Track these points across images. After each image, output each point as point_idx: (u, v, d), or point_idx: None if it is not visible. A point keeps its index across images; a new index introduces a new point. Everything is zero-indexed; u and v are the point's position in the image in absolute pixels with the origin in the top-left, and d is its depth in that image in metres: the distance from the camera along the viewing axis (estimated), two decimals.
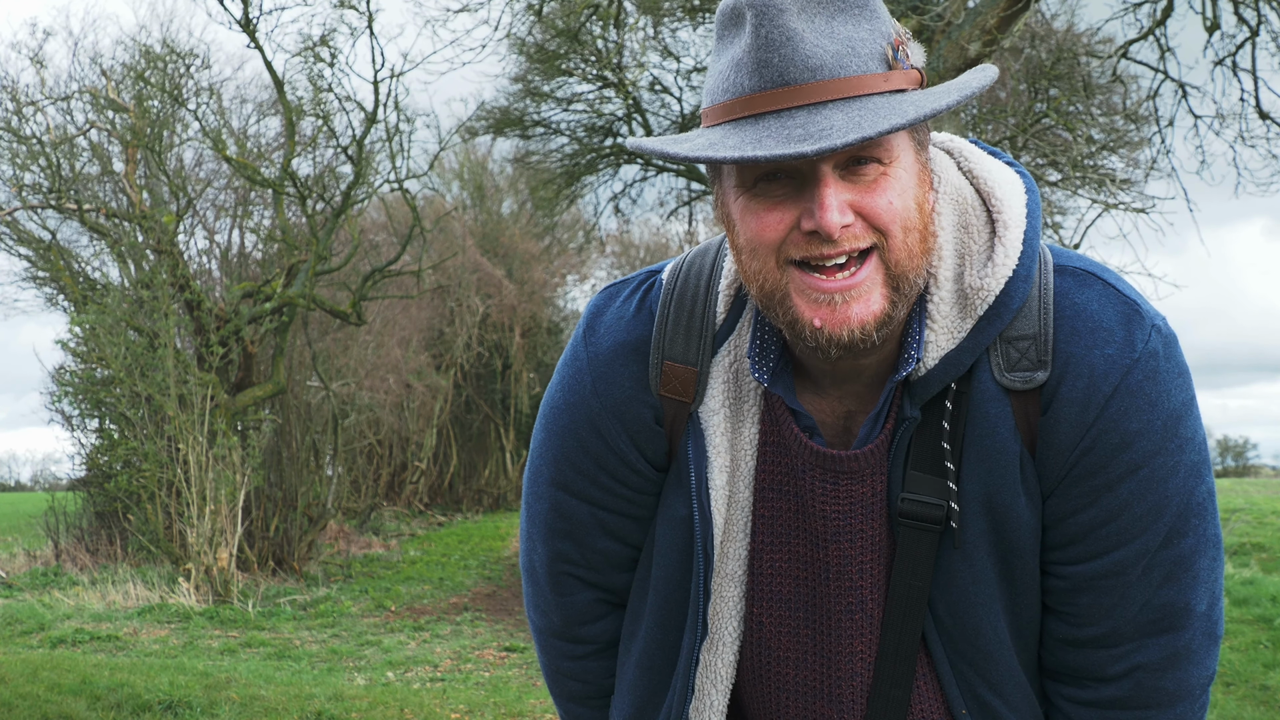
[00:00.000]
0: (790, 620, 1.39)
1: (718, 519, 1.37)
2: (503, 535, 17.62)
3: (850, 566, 1.35)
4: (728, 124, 1.18)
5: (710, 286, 1.36)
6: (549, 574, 1.50)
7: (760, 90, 1.15)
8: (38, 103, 12.84)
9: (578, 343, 1.41)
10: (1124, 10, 9.98)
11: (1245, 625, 8.67)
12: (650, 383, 1.36)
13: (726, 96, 1.18)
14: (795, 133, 1.12)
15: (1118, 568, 1.29)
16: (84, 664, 7.06)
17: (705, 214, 21.17)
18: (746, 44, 1.16)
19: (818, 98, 1.14)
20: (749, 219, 1.21)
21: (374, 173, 13.98)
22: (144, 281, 11.91)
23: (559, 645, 1.55)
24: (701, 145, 1.16)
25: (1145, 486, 1.26)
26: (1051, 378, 1.25)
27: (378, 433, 18.37)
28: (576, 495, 1.43)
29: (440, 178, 22.64)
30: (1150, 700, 1.34)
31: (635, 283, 1.43)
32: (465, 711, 6.51)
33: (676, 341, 1.35)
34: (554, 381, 1.45)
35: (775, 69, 1.15)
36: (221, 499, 10.73)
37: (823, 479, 1.33)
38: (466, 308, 21.13)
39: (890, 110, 1.13)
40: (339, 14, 13.89)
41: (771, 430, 1.36)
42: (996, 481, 1.28)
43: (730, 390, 1.36)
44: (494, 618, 10.46)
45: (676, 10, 14.30)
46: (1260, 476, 30.33)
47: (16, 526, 16.72)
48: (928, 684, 1.38)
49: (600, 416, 1.39)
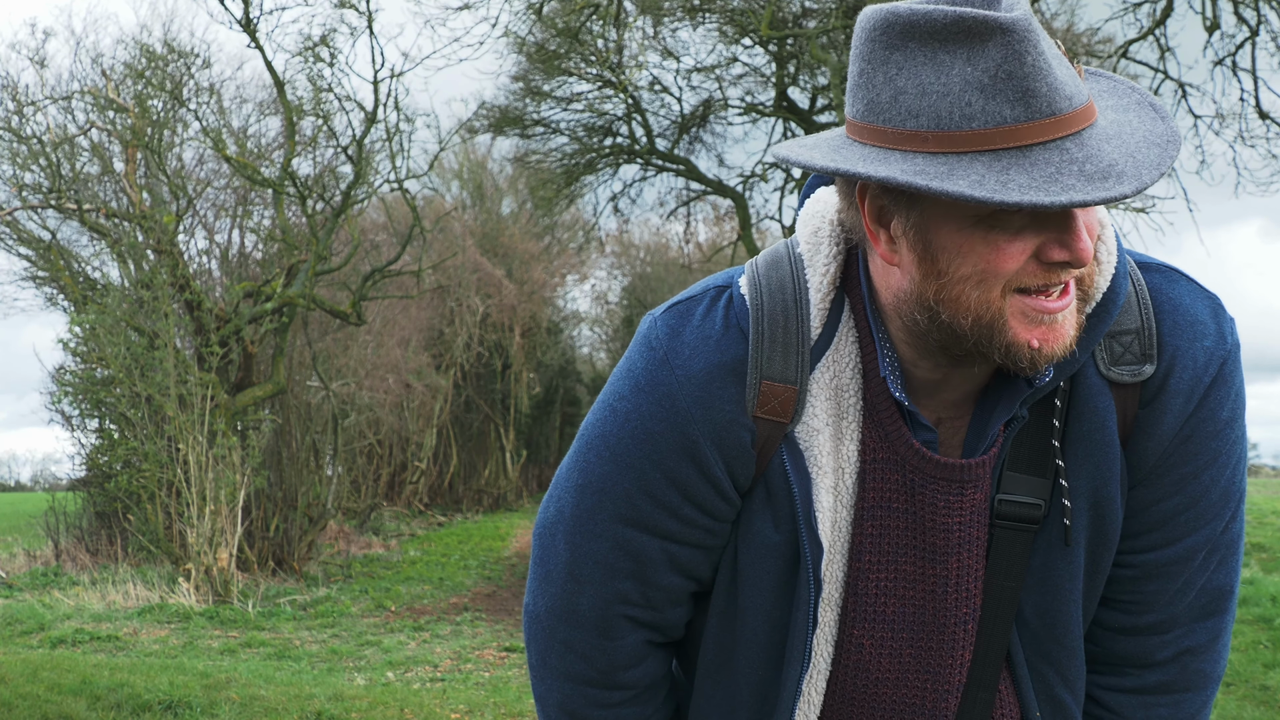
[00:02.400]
0: (893, 641, 1.37)
1: (825, 541, 1.33)
2: (502, 535, 17.62)
3: (967, 577, 1.34)
4: (973, 155, 1.09)
5: (799, 301, 1.31)
6: (601, 617, 1.39)
7: (1028, 121, 1.09)
8: (38, 103, 12.85)
9: (656, 366, 1.31)
10: (1124, 10, 9.99)
11: (1245, 625, 8.67)
12: (747, 404, 1.30)
13: (973, 125, 1.09)
14: (1087, 168, 1.07)
15: (1189, 553, 1.32)
16: (84, 664, 7.06)
17: (705, 214, 21.16)
18: (998, 68, 1.08)
19: (1072, 129, 1.10)
20: (985, 250, 1.15)
21: (374, 173, 13.98)
22: (144, 281, 11.91)
23: (592, 694, 1.43)
24: (971, 184, 1.08)
25: (1220, 472, 1.31)
26: (1159, 370, 1.27)
27: (378, 433, 18.37)
28: (650, 531, 1.35)
29: (440, 178, 22.65)
30: (1190, 683, 1.38)
31: (708, 300, 1.34)
32: (465, 711, 6.51)
33: (775, 359, 1.29)
34: (622, 409, 1.34)
35: (1044, 99, 1.08)
36: (221, 499, 10.73)
37: (946, 491, 1.31)
38: (466, 308, 21.13)
39: (1143, 138, 1.13)
40: (339, 14, 13.89)
41: (878, 446, 1.32)
42: (1103, 475, 1.30)
43: (832, 407, 1.32)
44: (494, 618, 10.46)
45: (676, 10, 14.29)
46: (1260, 476, 30.33)
47: (16, 526, 16.72)
48: (1006, 686, 1.38)
49: (696, 443, 1.30)
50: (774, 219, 18.42)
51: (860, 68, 1.16)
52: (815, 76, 15.53)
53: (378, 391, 17.50)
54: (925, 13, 1.10)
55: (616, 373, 1.37)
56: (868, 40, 1.14)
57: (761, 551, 1.35)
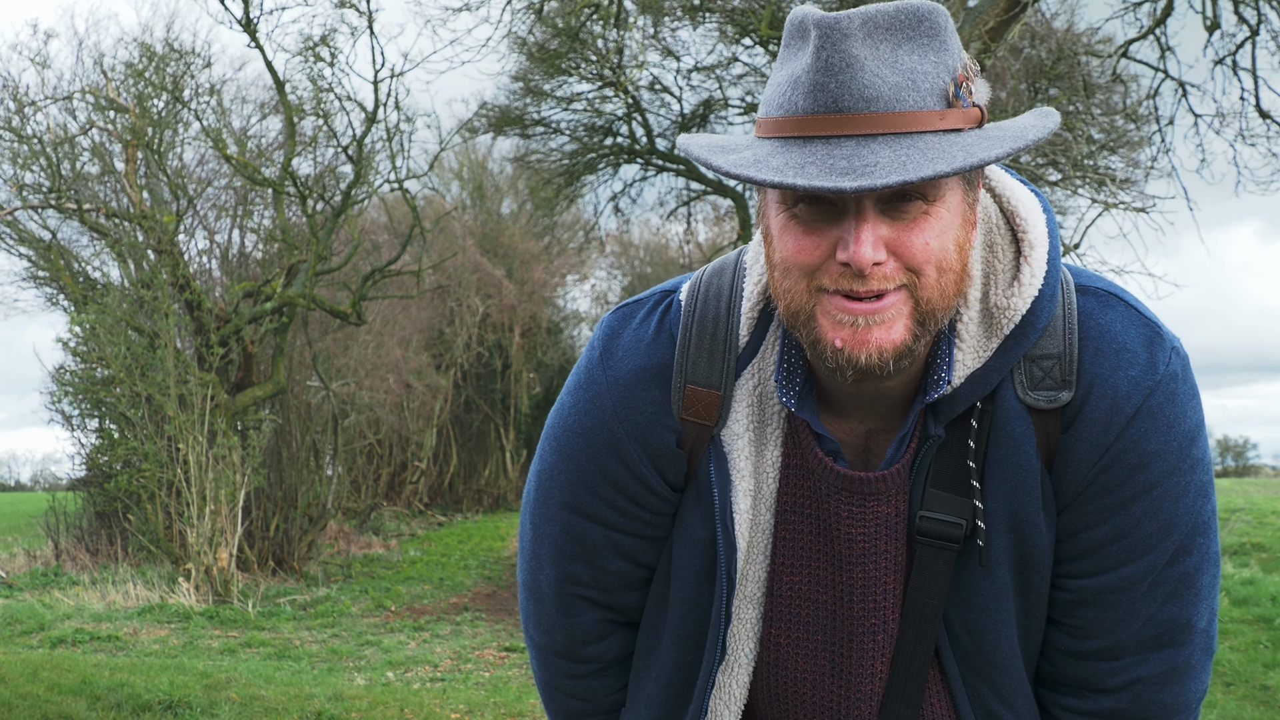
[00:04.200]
0: (808, 642, 1.39)
1: (741, 542, 1.36)
2: (502, 535, 17.62)
3: (874, 588, 1.35)
4: (776, 140, 1.16)
5: (732, 308, 1.34)
6: (556, 594, 1.48)
7: (812, 113, 1.13)
8: (39, 103, 12.85)
9: (593, 365, 1.38)
10: (1124, 10, 9.99)
11: (1245, 625, 8.67)
12: (672, 406, 1.34)
13: (779, 112, 1.16)
14: (839, 164, 1.10)
15: (1125, 583, 1.31)
16: (84, 664, 7.05)
17: (705, 214, 21.16)
18: (807, 63, 1.14)
19: (869, 130, 1.12)
20: (786, 238, 1.19)
21: (374, 172, 13.98)
22: (144, 281, 11.91)
23: (560, 664, 1.53)
24: (746, 160, 1.14)
25: (1157, 505, 1.27)
26: (1076, 397, 1.26)
27: (378, 433, 18.38)
28: (590, 518, 1.41)
29: (440, 178, 22.64)
30: (1148, 713, 1.36)
31: (650, 304, 1.40)
32: (465, 711, 6.51)
33: (699, 365, 1.33)
34: (566, 404, 1.42)
35: (831, 94, 1.12)
36: (221, 499, 10.73)
37: (849, 502, 1.33)
38: (466, 308, 21.13)
39: (939, 153, 1.11)
40: (339, 14, 13.90)
41: (794, 453, 1.35)
42: (1021, 498, 1.29)
43: (754, 413, 1.34)
44: (494, 618, 10.47)
45: (676, 10, 14.29)
46: (1260, 476, 30.29)
47: (16, 526, 16.72)
48: (941, 701, 1.39)
49: (621, 441, 1.36)
50: None
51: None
52: None
53: (378, 391, 17.50)
54: (792, 14, 1.19)
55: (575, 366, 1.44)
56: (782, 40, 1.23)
57: (690, 546, 1.40)
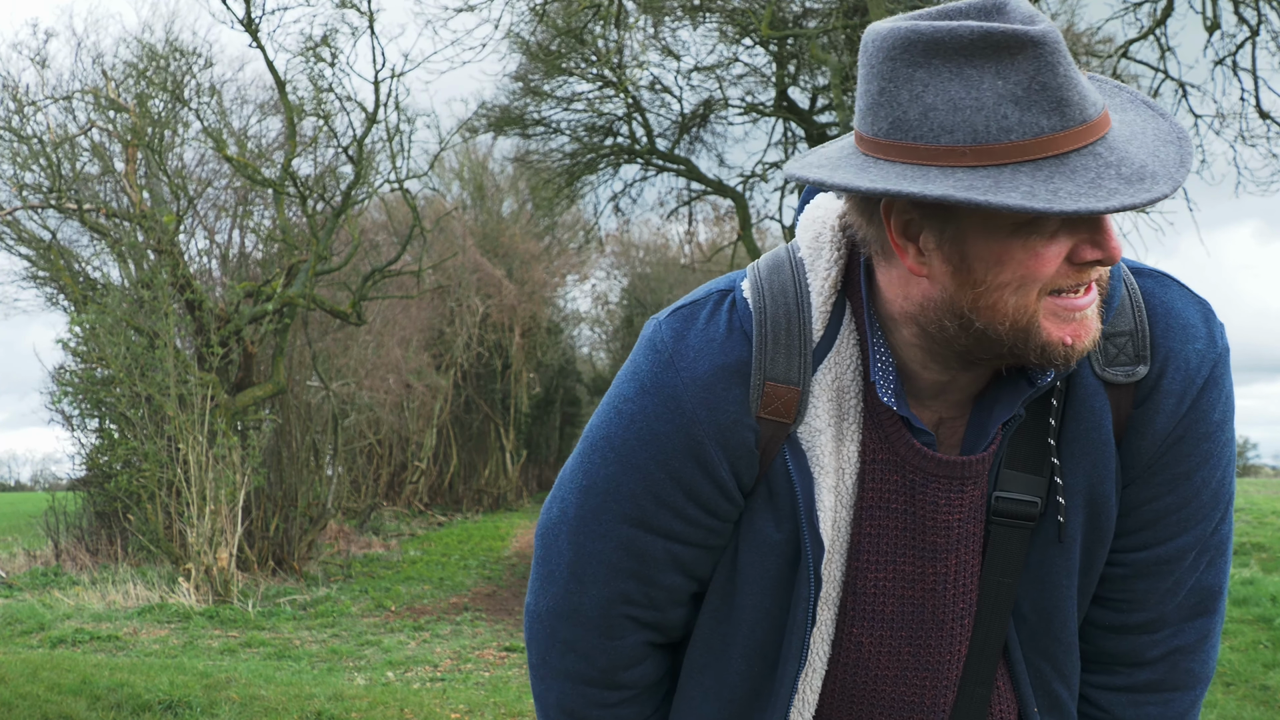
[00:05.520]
0: (891, 639, 1.39)
1: (828, 541, 1.35)
2: (502, 535, 17.62)
3: (963, 572, 1.37)
4: (1014, 166, 1.12)
5: (802, 304, 1.33)
6: (603, 617, 1.41)
7: (1063, 130, 1.12)
8: (39, 102, 12.85)
9: (661, 369, 1.33)
10: (1124, 10, 10.00)
11: (1245, 625, 8.67)
12: (751, 405, 1.32)
13: (1011, 137, 1.11)
14: (1123, 171, 1.11)
15: (1179, 553, 1.36)
16: (84, 664, 7.06)
17: (705, 214, 21.16)
18: (1032, 80, 1.10)
19: (1101, 132, 1.14)
20: (1024, 256, 1.17)
21: (374, 173, 13.99)
22: (144, 281, 11.91)
23: (592, 693, 1.45)
24: (1023, 195, 1.10)
25: (1211, 473, 1.34)
26: (1152, 371, 1.31)
27: (378, 433, 18.38)
28: (653, 531, 1.37)
29: (440, 178, 22.66)
30: (1180, 682, 1.41)
31: (710, 303, 1.36)
32: (465, 711, 6.51)
33: (778, 361, 1.31)
34: (627, 411, 1.36)
35: (1076, 107, 1.12)
36: (221, 499, 10.74)
37: (947, 489, 1.34)
38: (466, 308, 21.13)
39: (1159, 138, 1.16)
40: (340, 14, 13.90)
41: (880, 447, 1.35)
42: (1099, 473, 1.33)
43: (834, 408, 1.34)
44: (494, 618, 10.47)
45: (677, 10, 14.30)
46: (1260, 476, 30.30)
47: (16, 526, 16.73)
48: (1003, 681, 1.41)
49: (701, 444, 1.32)
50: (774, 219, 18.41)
51: (880, 86, 1.16)
52: (815, 76, 15.53)
53: (378, 391, 17.51)
54: (950, 29, 1.11)
55: (621, 375, 1.39)
56: (886, 59, 1.15)
57: (762, 550, 1.37)
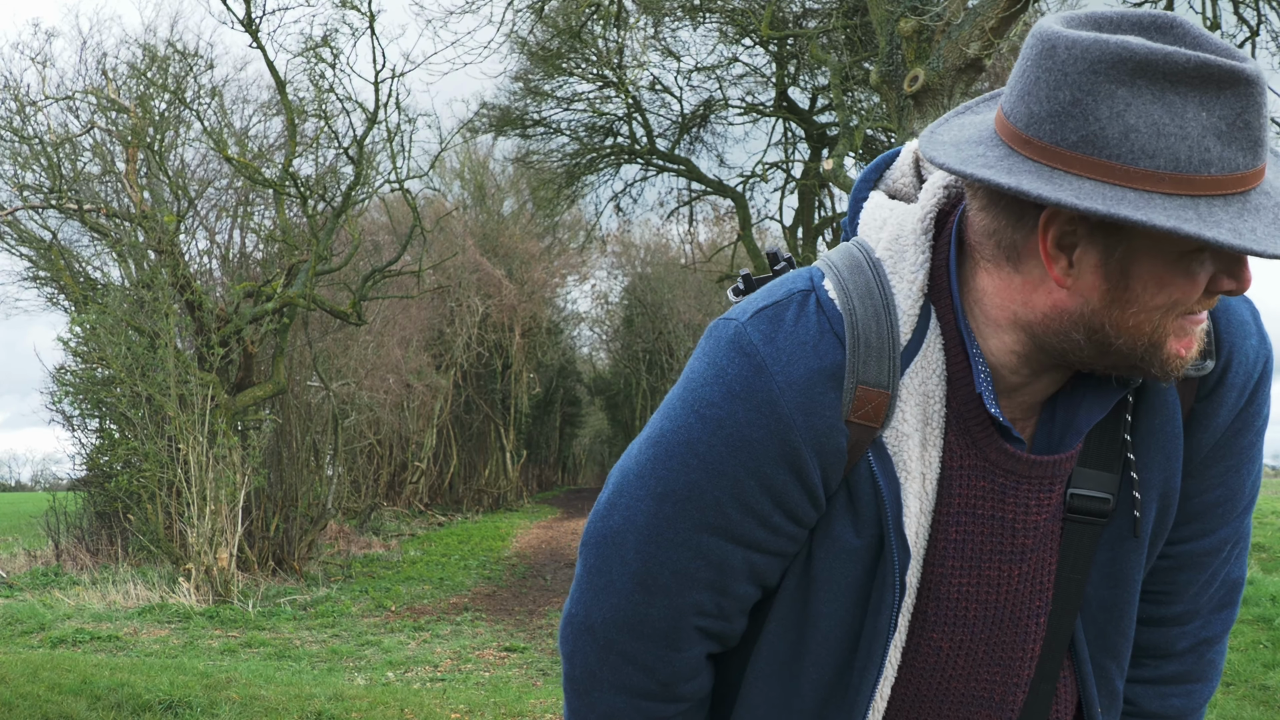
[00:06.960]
0: (970, 642, 1.39)
1: (914, 547, 1.34)
2: (502, 535, 17.62)
3: (1043, 571, 1.38)
4: (1208, 199, 1.13)
5: (889, 307, 1.32)
6: (672, 629, 1.37)
7: (1252, 169, 1.14)
8: (40, 103, 12.86)
9: (751, 373, 1.29)
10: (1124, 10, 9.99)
11: (1245, 625, 8.67)
12: (843, 409, 1.30)
13: (1210, 170, 1.13)
14: None
15: (1220, 544, 1.40)
16: (84, 664, 7.06)
17: (705, 214, 21.15)
18: (1238, 117, 1.12)
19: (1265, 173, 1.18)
20: (1183, 283, 1.19)
21: (375, 173, 14.00)
22: (145, 281, 11.92)
23: (650, 707, 1.41)
24: (1228, 232, 1.12)
25: (1253, 467, 1.40)
26: (1218, 365, 1.34)
27: (378, 433, 18.39)
28: (735, 540, 1.33)
29: (441, 178, 22.67)
30: (1203, 674, 1.45)
31: (794, 305, 1.33)
32: (465, 711, 6.51)
33: (870, 364, 1.30)
34: (710, 417, 1.31)
35: (1265, 148, 1.14)
36: (221, 499, 10.74)
37: (1037, 489, 1.34)
38: (466, 308, 21.14)
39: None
40: (341, 14, 13.91)
41: (966, 452, 1.34)
42: (1173, 467, 1.36)
43: (920, 412, 1.33)
44: (494, 618, 10.47)
45: (677, 10, 14.30)
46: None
47: (17, 526, 16.74)
48: (1067, 674, 1.42)
49: (797, 449, 1.29)
50: (774, 219, 18.42)
51: (1074, 96, 1.15)
52: (815, 76, 15.54)
53: (378, 391, 17.51)
54: (1166, 55, 1.10)
55: (697, 378, 1.33)
56: (1089, 71, 1.13)
57: (841, 557, 1.35)
